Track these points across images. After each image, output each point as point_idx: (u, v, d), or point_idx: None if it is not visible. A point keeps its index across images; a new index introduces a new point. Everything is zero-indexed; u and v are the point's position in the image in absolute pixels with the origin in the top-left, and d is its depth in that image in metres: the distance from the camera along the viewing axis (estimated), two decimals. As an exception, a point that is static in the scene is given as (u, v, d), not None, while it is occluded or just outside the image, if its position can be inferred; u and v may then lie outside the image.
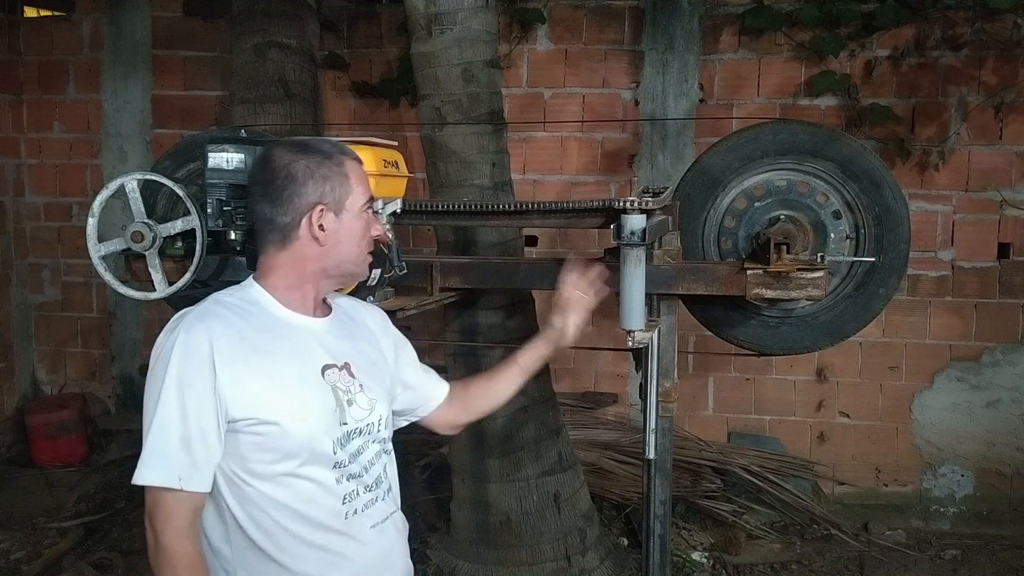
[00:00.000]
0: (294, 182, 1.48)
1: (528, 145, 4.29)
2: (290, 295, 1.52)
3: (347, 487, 1.51)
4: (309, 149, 1.52)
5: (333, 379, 1.51)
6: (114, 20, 4.59)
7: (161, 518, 1.37)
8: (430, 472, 4.01)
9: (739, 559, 3.72)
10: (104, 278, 2.05)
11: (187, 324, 1.42)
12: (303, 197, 1.48)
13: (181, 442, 1.36)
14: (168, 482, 1.36)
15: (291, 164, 1.49)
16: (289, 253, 1.51)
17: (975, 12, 3.79)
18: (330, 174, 1.50)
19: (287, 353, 1.47)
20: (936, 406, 4.09)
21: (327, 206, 1.50)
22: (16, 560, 3.63)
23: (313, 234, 1.49)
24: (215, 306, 1.47)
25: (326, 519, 1.48)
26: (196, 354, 1.38)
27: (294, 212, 1.49)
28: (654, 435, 2.35)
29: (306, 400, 1.46)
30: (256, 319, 1.47)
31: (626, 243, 1.96)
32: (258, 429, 1.41)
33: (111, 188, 2.00)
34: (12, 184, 4.75)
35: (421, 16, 2.99)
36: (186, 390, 1.37)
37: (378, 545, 1.58)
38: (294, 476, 1.44)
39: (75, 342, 4.83)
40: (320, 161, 1.50)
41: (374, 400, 1.58)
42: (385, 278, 2.02)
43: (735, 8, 4.08)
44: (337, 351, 1.55)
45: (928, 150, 3.92)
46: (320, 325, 1.55)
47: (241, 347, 1.42)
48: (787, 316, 2.47)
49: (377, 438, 1.59)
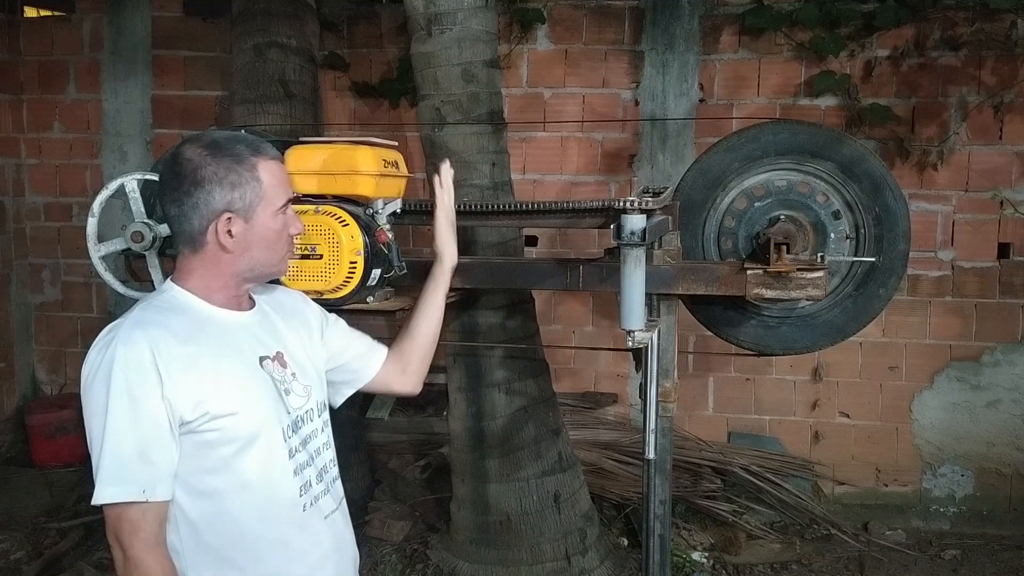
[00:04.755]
0: (200, 188, 1.43)
1: (528, 145, 4.29)
2: (213, 295, 1.50)
3: (303, 477, 1.53)
4: (220, 151, 1.45)
5: (269, 369, 1.52)
6: (114, 20, 4.60)
7: (127, 532, 1.35)
8: (430, 472, 4.01)
9: (739, 559, 3.72)
10: (104, 278, 2.06)
11: (124, 335, 1.38)
12: (209, 205, 1.44)
13: (138, 454, 1.34)
14: (132, 496, 1.34)
15: (199, 168, 1.44)
16: (201, 258, 1.48)
17: (975, 12, 3.79)
18: (239, 180, 1.45)
19: (225, 349, 1.46)
20: (936, 406, 4.09)
21: (236, 213, 1.45)
22: (16, 560, 3.63)
23: (220, 241, 1.46)
24: (146, 313, 1.44)
25: (285, 512, 1.49)
26: (138, 363, 1.35)
27: (201, 218, 1.45)
28: (654, 435, 2.35)
29: (253, 390, 1.47)
30: (188, 321, 1.45)
31: (626, 243, 1.96)
32: (213, 425, 1.40)
33: (111, 188, 2.00)
34: (12, 184, 4.76)
35: (421, 16, 2.99)
36: (136, 401, 1.34)
37: (332, 535, 1.59)
38: (252, 469, 1.45)
39: (75, 342, 4.83)
40: (229, 165, 1.45)
41: (309, 387, 1.60)
42: (385, 278, 2.02)
43: (735, 8, 4.08)
44: (268, 342, 1.56)
45: (928, 150, 3.92)
46: (248, 318, 1.55)
47: (181, 350, 1.39)
48: (787, 316, 2.47)
49: (320, 424, 1.62)
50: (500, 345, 3.20)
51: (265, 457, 1.47)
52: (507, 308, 3.21)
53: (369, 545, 3.67)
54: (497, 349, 3.21)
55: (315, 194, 1.96)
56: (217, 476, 1.42)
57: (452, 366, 3.33)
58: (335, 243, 1.87)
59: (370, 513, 3.83)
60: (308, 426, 1.58)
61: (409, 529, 3.77)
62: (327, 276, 1.88)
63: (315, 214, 1.90)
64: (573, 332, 4.37)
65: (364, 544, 3.67)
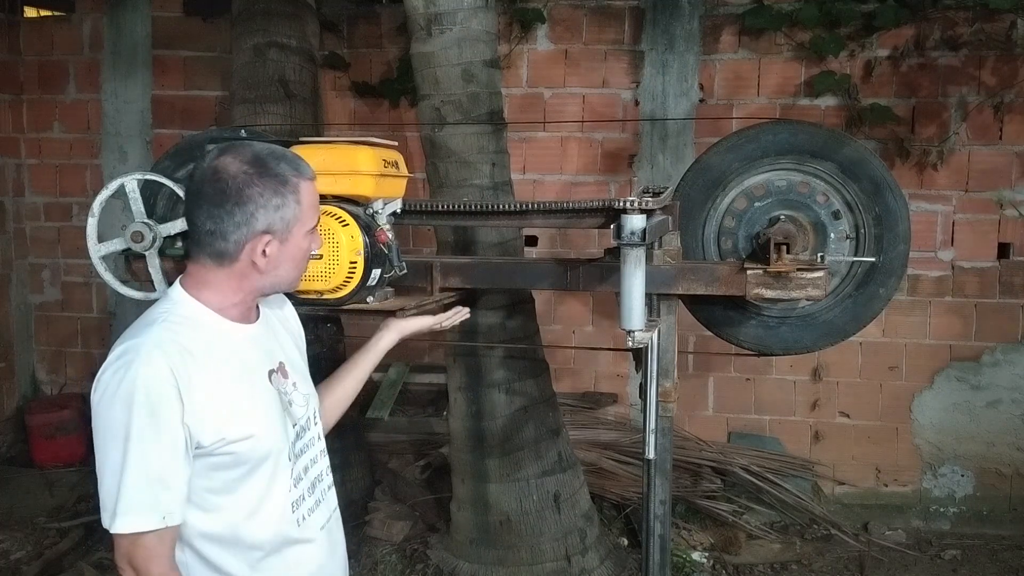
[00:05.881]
0: (244, 207, 1.40)
1: (528, 145, 4.29)
2: (228, 309, 1.49)
3: (298, 491, 1.53)
4: (266, 170, 1.42)
5: (276, 383, 1.53)
6: (114, 20, 4.60)
7: (143, 558, 1.33)
8: (430, 472, 4.01)
9: (739, 559, 3.72)
10: (104, 278, 2.06)
11: (145, 356, 1.34)
12: (251, 225, 1.41)
13: (159, 480, 1.32)
14: (153, 524, 1.32)
15: (245, 187, 1.40)
16: (227, 272, 1.45)
17: (975, 12, 3.80)
18: (283, 203, 1.43)
19: (238, 368, 1.46)
20: (936, 406, 4.09)
21: (275, 235, 1.43)
22: (16, 560, 3.63)
23: (254, 260, 1.44)
24: (163, 333, 1.39)
25: (283, 527, 1.49)
26: (160, 387, 1.32)
27: (239, 236, 1.42)
28: (654, 435, 2.34)
29: (265, 412, 1.47)
30: (202, 338, 1.42)
31: (626, 243, 1.95)
32: (227, 449, 1.39)
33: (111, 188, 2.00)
34: (12, 184, 4.76)
35: (421, 16, 2.99)
36: (159, 425, 1.32)
37: (328, 544, 1.60)
38: (257, 489, 1.45)
39: (75, 342, 4.83)
40: (276, 188, 1.42)
41: (307, 395, 1.61)
42: (385, 278, 2.02)
43: (735, 8, 4.08)
44: (273, 353, 1.56)
45: (928, 150, 3.92)
46: (256, 329, 1.55)
47: (201, 376, 1.37)
48: (787, 316, 2.47)
49: (316, 433, 1.62)
50: (500, 345, 3.20)
51: (270, 477, 1.47)
52: (507, 308, 3.21)
53: (369, 545, 3.67)
54: (497, 349, 3.21)
55: (315, 194, 1.95)
56: (221, 496, 1.42)
57: (452, 366, 3.33)
58: (335, 243, 1.87)
59: (370, 513, 3.83)
60: (306, 436, 1.58)
61: (409, 529, 3.77)
62: (327, 276, 1.88)
63: (315, 214, 1.90)
64: (573, 332, 4.37)
65: (364, 544, 3.69)
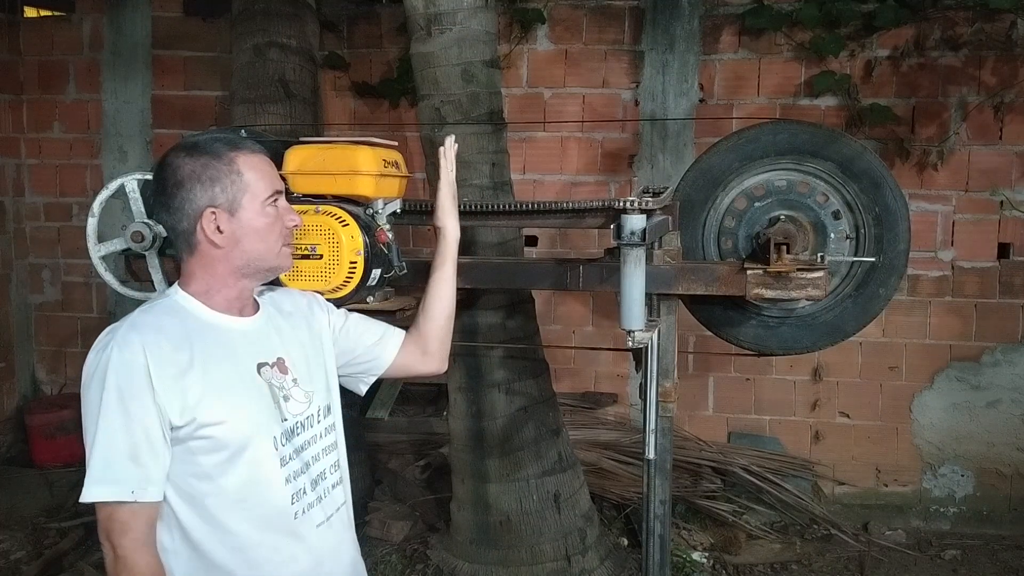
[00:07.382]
0: (182, 188, 1.48)
1: (528, 145, 4.29)
2: (213, 298, 1.52)
3: (295, 485, 1.53)
4: (198, 151, 1.50)
5: (268, 376, 1.53)
6: (114, 20, 4.60)
7: (117, 532, 1.37)
8: (430, 472, 4.01)
9: (739, 559, 3.72)
10: (104, 278, 2.06)
11: (120, 338, 1.40)
12: (192, 203, 1.48)
13: (129, 456, 1.36)
14: (121, 496, 1.36)
15: (178, 169, 1.48)
16: (197, 259, 1.51)
17: (975, 12, 3.80)
18: (218, 175, 1.48)
19: (220, 356, 1.47)
20: (936, 406, 4.09)
21: (219, 208, 1.48)
22: (16, 560, 3.64)
23: (210, 238, 1.49)
24: (144, 317, 1.46)
25: (275, 520, 1.50)
26: (132, 366, 1.37)
27: (187, 218, 1.49)
28: (654, 435, 2.35)
29: (244, 399, 1.48)
30: (185, 326, 1.47)
31: (626, 243, 1.95)
32: (201, 432, 1.41)
33: (111, 188, 2.00)
34: (12, 184, 4.76)
35: (421, 16, 2.99)
36: (127, 403, 1.37)
37: (325, 542, 1.60)
38: (240, 478, 1.45)
39: (75, 342, 4.83)
40: (207, 162, 1.48)
41: (311, 392, 1.61)
42: (385, 278, 2.02)
43: (735, 8, 4.08)
44: (270, 347, 1.56)
45: (928, 150, 3.92)
46: (249, 324, 1.56)
47: (175, 355, 1.41)
48: (787, 316, 2.47)
49: (320, 430, 1.62)
50: (500, 345, 3.20)
51: (254, 466, 1.47)
52: (507, 308, 3.21)
53: (369, 545, 3.67)
54: (497, 349, 3.21)
55: (315, 194, 1.96)
56: (205, 483, 1.43)
57: (452, 366, 3.33)
58: (335, 243, 1.87)
59: (370, 513, 3.83)
60: (306, 433, 1.58)
61: (409, 529, 3.77)
62: (327, 276, 1.88)
63: (315, 214, 1.90)
64: (573, 332, 4.37)
65: (364, 544, 3.68)
